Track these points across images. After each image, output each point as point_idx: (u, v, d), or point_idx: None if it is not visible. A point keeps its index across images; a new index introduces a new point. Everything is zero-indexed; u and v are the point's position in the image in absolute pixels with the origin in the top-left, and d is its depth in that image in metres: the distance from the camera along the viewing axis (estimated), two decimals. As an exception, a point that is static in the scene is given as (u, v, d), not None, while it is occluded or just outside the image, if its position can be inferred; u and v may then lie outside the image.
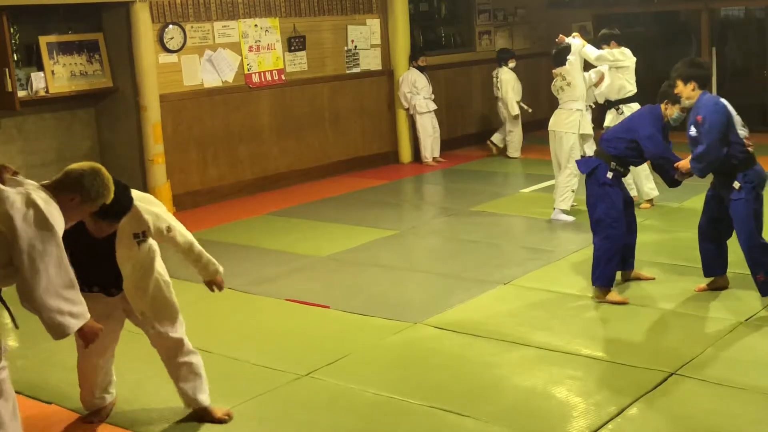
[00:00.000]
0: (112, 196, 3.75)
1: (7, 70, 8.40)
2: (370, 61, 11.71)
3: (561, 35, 8.52)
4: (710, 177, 5.79)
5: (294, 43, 10.76)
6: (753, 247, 5.56)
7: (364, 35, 11.60)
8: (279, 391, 4.83)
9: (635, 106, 8.23)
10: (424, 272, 7.04)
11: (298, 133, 10.91)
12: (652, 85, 11.48)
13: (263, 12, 10.42)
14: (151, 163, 9.29)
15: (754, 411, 4.37)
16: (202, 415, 4.48)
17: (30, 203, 3.49)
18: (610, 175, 5.88)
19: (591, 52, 8.33)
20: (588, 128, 8.52)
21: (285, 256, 7.60)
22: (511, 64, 11.86)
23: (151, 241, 4.26)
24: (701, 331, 5.37)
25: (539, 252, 7.32)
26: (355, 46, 11.51)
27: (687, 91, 5.65)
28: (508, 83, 11.77)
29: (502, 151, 12.01)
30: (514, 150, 11.83)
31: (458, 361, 5.17)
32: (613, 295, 5.88)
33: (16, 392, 4.98)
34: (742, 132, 5.61)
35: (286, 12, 10.66)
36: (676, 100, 5.81)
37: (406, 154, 11.94)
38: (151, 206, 4.20)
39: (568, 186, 8.31)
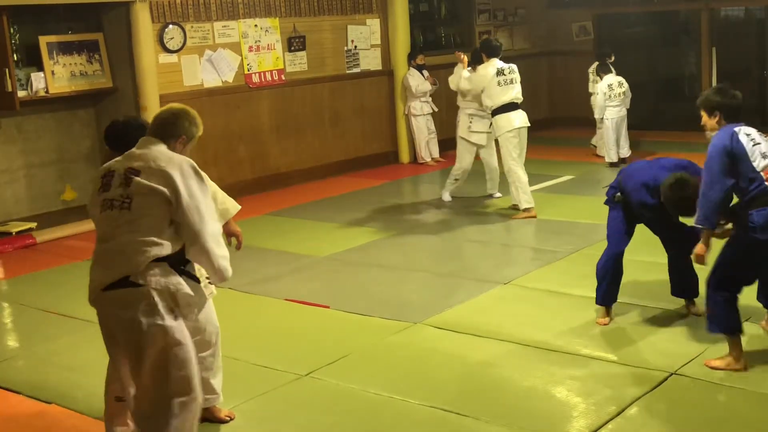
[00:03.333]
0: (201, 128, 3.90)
1: (7, 70, 8.41)
2: (370, 61, 11.72)
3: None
4: None
5: (294, 43, 10.77)
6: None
7: (364, 35, 11.61)
8: (279, 391, 4.83)
9: (497, 120, 8.57)
10: (424, 272, 7.04)
11: (298, 133, 10.91)
12: (652, 85, 11.57)
13: (263, 12, 10.42)
14: (151, 163, 9.30)
15: (754, 411, 4.38)
16: (204, 414, 4.47)
17: (181, 159, 3.62)
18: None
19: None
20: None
21: (285, 256, 7.60)
22: (611, 59, 11.66)
23: None
24: (701, 331, 5.35)
25: (539, 252, 7.32)
26: (355, 46, 11.51)
27: (711, 123, 4.83)
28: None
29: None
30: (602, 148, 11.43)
31: (458, 361, 5.17)
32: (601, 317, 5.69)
33: (16, 392, 5.02)
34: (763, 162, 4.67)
35: (286, 12, 10.66)
36: None
37: (406, 154, 11.94)
38: None
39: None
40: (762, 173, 4.63)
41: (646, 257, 6.35)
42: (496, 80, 8.53)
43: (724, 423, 4.27)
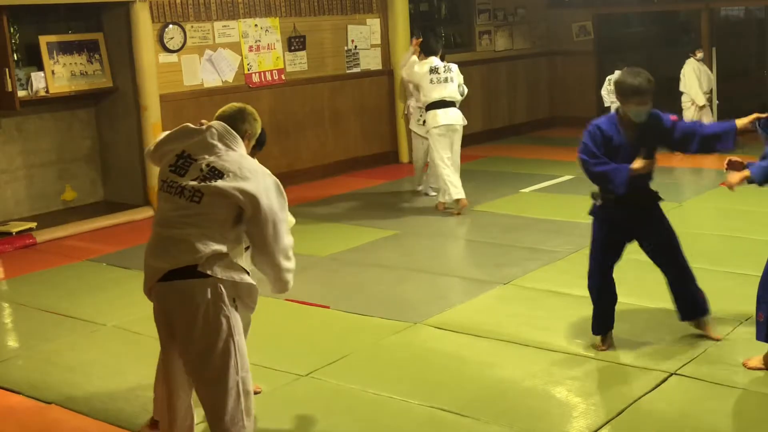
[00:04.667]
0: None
1: (7, 70, 8.40)
2: (370, 61, 11.72)
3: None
4: None
5: (294, 43, 10.77)
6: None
7: (364, 35, 11.61)
8: (279, 391, 4.84)
9: (427, 116, 8.86)
10: (424, 272, 7.04)
11: (298, 133, 10.91)
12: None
13: (263, 12, 10.42)
14: (152, 163, 9.30)
15: (754, 411, 4.38)
16: None
17: (265, 173, 3.71)
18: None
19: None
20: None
21: (285, 256, 7.59)
22: (699, 55, 11.67)
23: None
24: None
25: (539, 252, 7.32)
26: (355, 46, 11.51)
27: None
28: (692, 74, 11.53)
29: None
30: None
31: (458, 361, 5.18)
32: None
33: (16, 392, 5.02)
34: None
35: (286, 12, 10.66)
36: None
37: (405, 154, 11.94)
38: None
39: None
40: None
41: (645, 256, 6.35)
42: (429, 78, 8.84)
43: (724, 423, 4.27)
